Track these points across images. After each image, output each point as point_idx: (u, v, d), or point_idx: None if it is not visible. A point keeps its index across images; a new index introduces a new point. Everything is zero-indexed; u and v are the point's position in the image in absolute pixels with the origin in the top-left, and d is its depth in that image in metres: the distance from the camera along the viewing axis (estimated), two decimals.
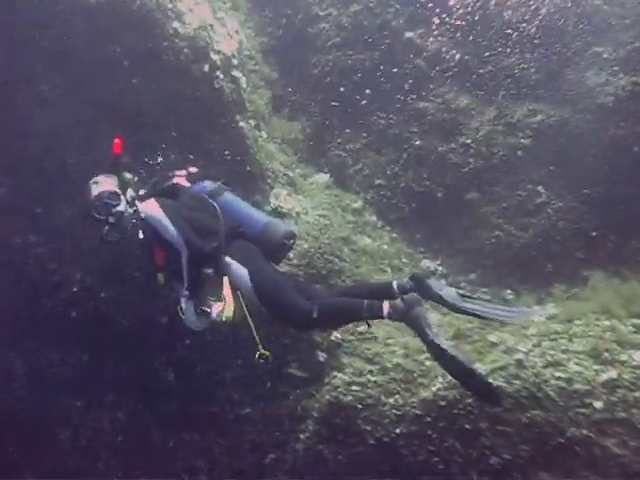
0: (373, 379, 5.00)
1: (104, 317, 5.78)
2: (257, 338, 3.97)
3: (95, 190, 4.30)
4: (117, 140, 4.26)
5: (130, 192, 4.40)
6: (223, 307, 4.02)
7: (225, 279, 4.01)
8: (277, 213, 5.86)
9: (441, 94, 6.88)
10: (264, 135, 6.25)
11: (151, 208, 4.24)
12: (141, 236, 4.28)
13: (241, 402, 5.52)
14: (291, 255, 5.44)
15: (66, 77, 5.32)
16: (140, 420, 5.70)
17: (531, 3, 6.52)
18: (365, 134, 7.26)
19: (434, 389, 4.62)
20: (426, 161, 6.80)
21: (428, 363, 4.87)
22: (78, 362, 6.08)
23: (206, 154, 5.42)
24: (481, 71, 6.77)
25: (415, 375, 4.87)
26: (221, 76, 5.45)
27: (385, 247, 6.45)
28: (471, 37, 6.78)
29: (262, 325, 4.83)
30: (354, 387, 5.02)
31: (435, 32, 6.97)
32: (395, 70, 7.17)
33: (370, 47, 7.28)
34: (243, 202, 4.59)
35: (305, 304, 3.93)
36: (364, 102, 7.27)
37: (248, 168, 5.76)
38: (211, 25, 5.62)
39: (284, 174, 6.32)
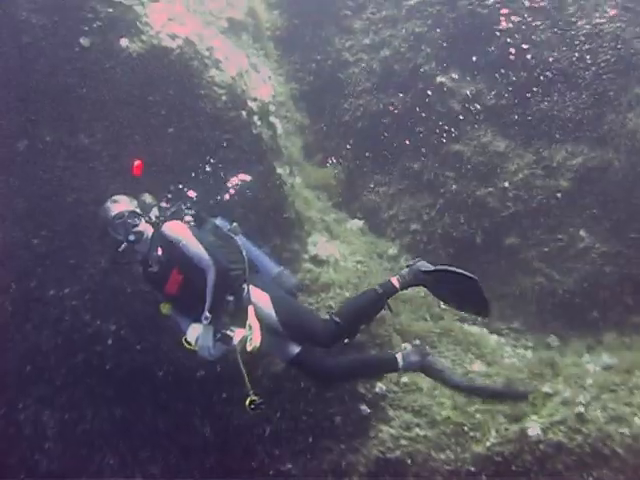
0: (422, 433, 4.84)
1: (139, 369, 5.61)
2: (248, 383, 3.87)
3: (115, 209, 4.24)
4: (137, 162, 4.24)
5: (154, 212, 4.36)
6: (246, 335, 3.93)
7: (250, 308, 3.95)
8: (316, 261, 5.71)
9: (476, 137, 6.80)
10: (298, 181, 6.16)
11: (176, 227, 4.19)
12: (160, 253, 4.17)
13: (281, 457, 5.34)
14: (334, 304, 5.28)
15: (105, 126, 5.32)
16: (176, 475, 5.49)
17: (567, 43, 6.43)
18: (399, 178, 7.13)
19: (488, 444, 4.45)
20: (463, 206, 6.69)
21: (479, 416, 4.71)
22: (111, 417, 5.91)
23: (246, 202, 5.29)
24: (517, 113, 6.67)
25: (466, 429, 4.70)
26: (259, 122, 5.38)
27: (423, 294, 6.28)
28: (506, 79, 6.65)
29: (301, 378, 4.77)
30: (402, 441, 4.86)
31: (469, 75, 6.85)
32: (428, 114, 7.03)
33: (402, 91, 7.28)
34: (255, 247, 4.58)
35: (325, 319, 4.24)
36: (396, 146, 7.12)
37: (286, 215, 5.67)
38: (246, 72, 5.57)
39: (320, 220, 6.19)
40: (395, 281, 4.27)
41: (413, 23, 7.37)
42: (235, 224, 4.56)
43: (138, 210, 4.24)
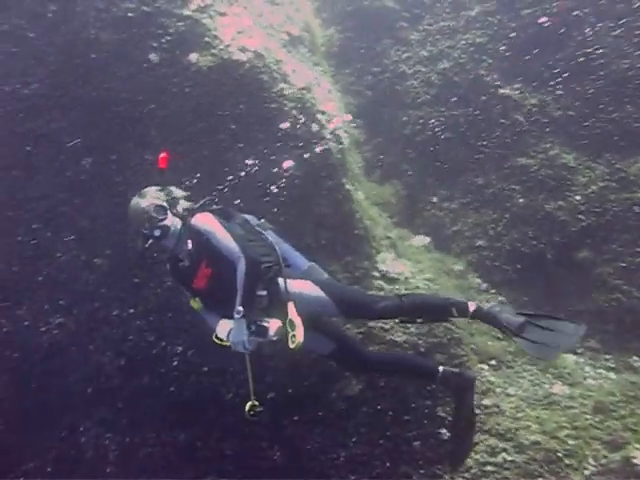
0: (509, 458, 4.59)
1: (205, 392, 5.49)
2: (252, 387, 3.82)
3: (141, 203, 4.10)
4: (163, 154, 4.10)
5: (182, 204, 4.24)
6: (284, 330, 3.78)
7: (290, 304, 3.78)
8: (387, 278, 5.57)
9: (543, 150, 6.65)
10: (362, 197, 6.05)
11: (205, 218, 4.07)
12: (190, 247, 4.05)
13: None
14: (409, 324, 5.13)
15: (173, 143, 5.27)
16: None
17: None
18: (462, 193, 6.97)
19: (587, 472, 4.20)
20: (531, 220, 6.52)
21: (572, 442, 4.46)
22: (174, 441, 5.77)
23: (317, 218, 5.18)
24: (586, 125, 6.46)
25: (559, 455, 4.44)
26: (328, 136, 5.26)
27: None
28: (573, 89, 6.48)
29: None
30: (489, 467, 4.65)
31: (533, 86, 6.70)
32: (491, 127, 6.88)
33: (463, 104, 7.09)
34: (285, 243, 4.41)
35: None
36: (459, 160, 6.97)
37: (356, 232, 5.52)
38: (313, 85, 5.50)
39: (385, 237, 6.06)
40: (471, 307, 4.04)
41: (473, 34, 7.27)
42: (263, 220, 4.46)
43: (165, 204, 4.10)
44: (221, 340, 3.98)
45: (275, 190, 5.09)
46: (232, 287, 3.84)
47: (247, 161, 5.01)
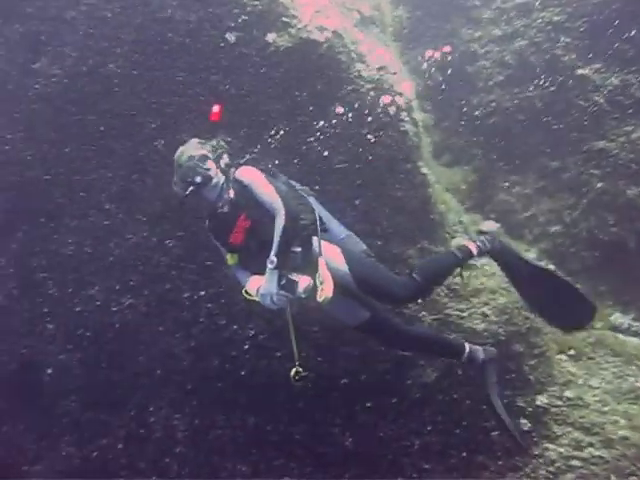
0: (597, 453, 4.45)
1: (277, 376, 5.46)
2: (296, 353, 3.85)
3: (186, 152, 4.11)
4: (217, 107, 4.14)
5: (225, 159, 4.24)
6: (313, 285, 3.76)
7: (321, 260, 3.80)
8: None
9: (624, 133, 6.41)
10: (435, 181, 5.93)
11: (249, 171, 4.08)
12: (232, 195, 4.07)
13: (431, 472, 5.09)
14: (488, 312, 5.01)
15: (249, 122, 5.34)
16: None
17: None
18: (535, 178, 6.79)
19: None
20: (611, 206, 6.30)
21: None
22: (244, 424, 5.79)
23: (393, 202, 5.09)
24: None
25: None
26: (407, 118, 5.15)
27: None
28: None
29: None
30: (574, 462, 4.50)
31: (614, 65, 6.45)
32: (568, 109, 6.65)
33: (539, 85, 6.85)
34: (325, 210, 4.39)
35: (402, 277, 4.06)
36: (533, 144, 6.77)
37: (432, 217, 5.40)
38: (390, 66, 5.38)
39: (458, 222, 5.93)
40: (473, 247, 4.25)
41: (550, 11, 7.03)
42: (306, 187, 4.41)
43: (210, 155, 4.10)
44: (250, 295, 4.00)
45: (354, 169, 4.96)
46: (268, 243, 3.80)
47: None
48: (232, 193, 4.09)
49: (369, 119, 5.21)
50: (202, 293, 5.68)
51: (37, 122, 5.88)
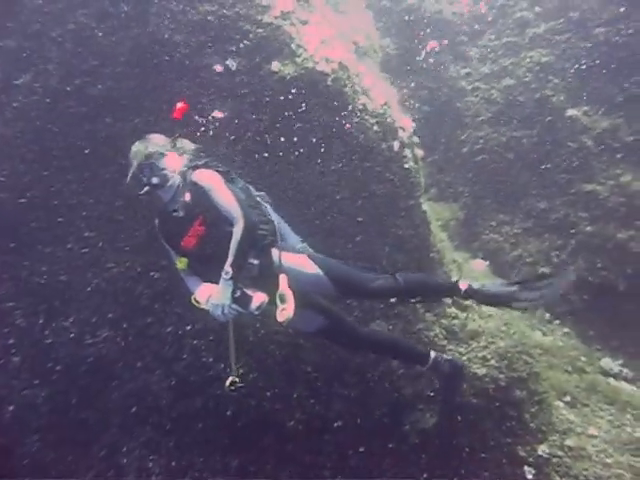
0: None
1: (265, 417, 5.28)
2: (233, 361, 3.78)
3: (145, 148, 3.94)
4: (181, 104, 3.97)
5: (185, 159, 4.05)
6: (266, 301, 3.67)
7: (282, 277, 3.66)
8: (459, 305, 5.45)
9: (613, 176, 6.52)
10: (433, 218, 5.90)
11: (208, 174, 3.90)
12: (188, 199, 3.87)
13: None
14: (488, 356, 4.97)
15: (248, 155, 5.25)
16: None
17: None
18: (523, 218, 6.83)
19: None
20: (601, 249, 6.37)
21: None
22: (225, 467, 5.56)
23: (394, 240, 5.03)
24: None
25: None
26: (409, 155, 5.10)
27: (560, 344, 5.94)
28: None
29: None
30: None
31: (604, 109, 6.58)
32: (557, 149, 6.75)
33: (527, 124, 6.96)
34: (281, 219, 4.29)
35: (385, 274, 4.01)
36: (521, 183, 6.84)
37: (431, 255, 5.35)
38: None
39: (453, 260, 5.90)
40: (463, 287, 4.11)
41: (539, 52, 7.09)
42: (263, 193, 4.28)
43: (168, 153, 3.96)
44: (198, 303, 3.85)
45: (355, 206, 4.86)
46: (223, 251, 3.65)
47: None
48: (188, 196, 3.90)
49: (373, 154, 5.06)
50: (188, 328, 5.40)
51: (14, 141, 5.58)
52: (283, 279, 3.71)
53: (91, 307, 5.63)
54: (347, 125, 4.93)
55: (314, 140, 5.06)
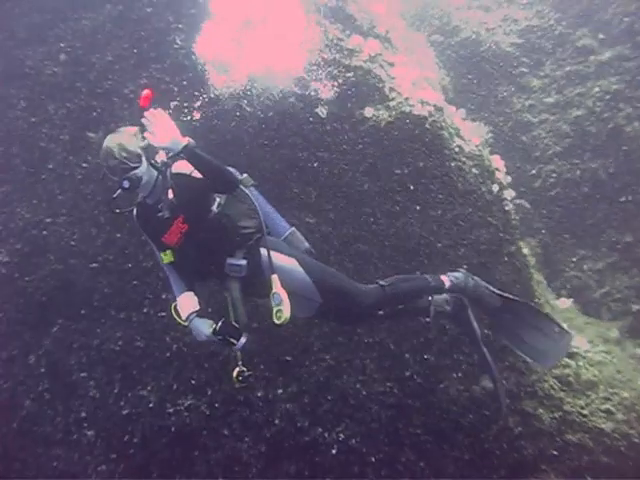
0: None
1: None
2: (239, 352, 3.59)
3: (113, 147, 3.54)
4: (147, 91, 3.58)
5: (162, 155, 3.69)
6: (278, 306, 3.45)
7: (275, 277, 3.51)
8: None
9: None
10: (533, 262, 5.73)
11: (187, 166, 3.61)
12: (172, 197, 3.63)
13: None
14: (612, 408, 4.72)
15: (337, 204, 5.15)
16: None
17: None
18: (606, 252, 6.62)
19: None
20: None
21: None
22: None
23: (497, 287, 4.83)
24: None
25: None
26: (509, 197, 4.92)
27: None
28: None
29: None
30: None
31: None
32: (636, 179, 6.59)
33: (601, 155, 6.78)
34: (267, 204, 4.03)
35: (370, 285, 3.89)
36: (600, 217, 6.64)
37: (536, 300, 5.13)
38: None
39: (546, 302, 5.69)
40: (446, 281, 4.13)
41: (608, 80, 6.91)
42: (246, 175, 3.92)
43: (140, 150, 3.56)
44: (178, 317, 3.72)
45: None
46: (206, 248, 3.60)
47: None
48: (171, 194, 3.65)
49: (472, 199, 4.88)
50: (279, 391, 5.16)
51: (85, 204, 5.59)
52: (276, 279, 3.54)
53: (171, 374, 5.42)
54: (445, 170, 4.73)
55: (412, 187, 4.83)
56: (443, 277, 4.14)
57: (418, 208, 4.86)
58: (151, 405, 5.38)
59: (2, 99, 5.71)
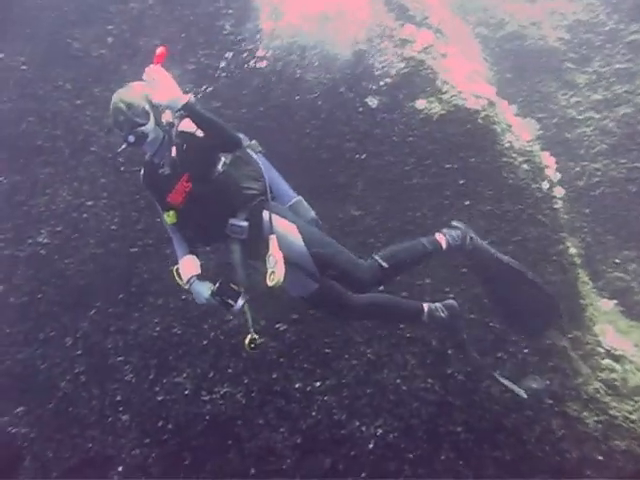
0: None
1: None
2: (250, 319, 3.63)
3: (122, 102, 3.59)
4: (162, 49, 3.58)
5: (168, 114, 3.70)
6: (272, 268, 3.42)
7: (272, 237, 3.52)
8: (612, 356, 5.10)
9: None
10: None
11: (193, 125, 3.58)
12: (174, 154, 3.65)
13: None
14: None
15: (383, 198, 5.12)
16: None
17: None
18: None
19: None
20: None
21: None
22: None
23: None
24: None
25: None
26: (559, 195, 4.83)
27: None
28: None
29: None
30: None
31: None
32: None
33: None
34: (274, 171, 4.01)
35: (367, 260, 3.89)
36: None
37: (581, 301, 5.09)
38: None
39: (590, 304, 5.58)
40: (443, 242, 4.18)
41: None
42: (255, 141, 3.97)
43: (147, 107, 3.60)
44: (180, 279, 3.81)
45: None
46: (210, 208, 3.63)
47: None
48: (174, 151, 3.67)
49: (523, 195, 4.80)
50: (317, 384, 5.12)
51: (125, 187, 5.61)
52: (273, 241, 3.54)
53: (208, 361, 5.42)
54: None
55: (461, 182, 4.76)
56: (440, 237, 4.17)
57: (467, 203, 4.74)
58: (186, 392, 5.40)
59: (48, 80, 5.67)
